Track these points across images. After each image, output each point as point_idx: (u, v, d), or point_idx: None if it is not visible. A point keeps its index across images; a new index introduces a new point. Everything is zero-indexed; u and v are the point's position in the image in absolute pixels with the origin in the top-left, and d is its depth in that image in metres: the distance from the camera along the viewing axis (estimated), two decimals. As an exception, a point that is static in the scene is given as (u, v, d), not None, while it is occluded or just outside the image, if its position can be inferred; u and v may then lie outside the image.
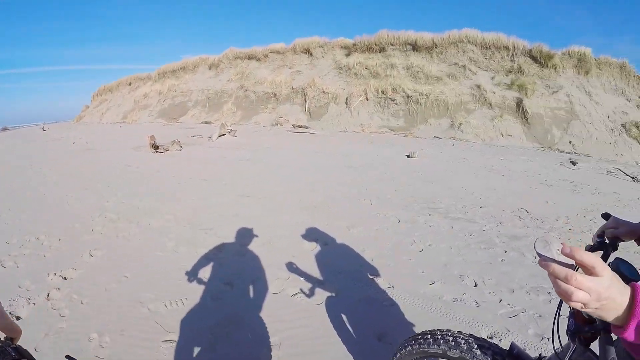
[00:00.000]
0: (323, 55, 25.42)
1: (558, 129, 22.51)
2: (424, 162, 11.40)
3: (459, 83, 23.10)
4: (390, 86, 21.36)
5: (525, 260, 4.82)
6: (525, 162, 14.50)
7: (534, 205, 7.69)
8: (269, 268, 3.77)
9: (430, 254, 4.65)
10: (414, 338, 1.79)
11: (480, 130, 20.46)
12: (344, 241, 4.65)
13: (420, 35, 25.24)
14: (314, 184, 7.25)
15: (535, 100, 22.92)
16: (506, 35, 25.88)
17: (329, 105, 20.75)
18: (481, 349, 1.61)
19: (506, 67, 25.16)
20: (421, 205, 6.65)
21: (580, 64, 26.18)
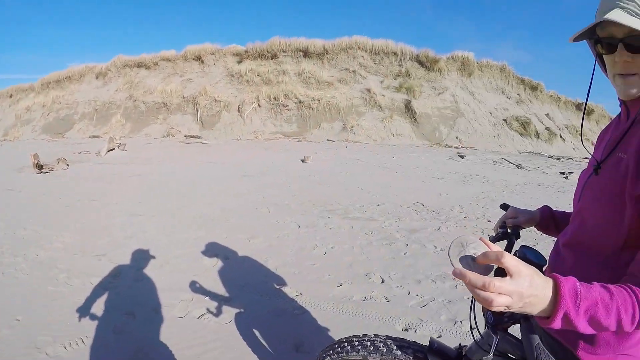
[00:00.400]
0: (215, 63, 25.06)
1: (445, 126, 23.95)
2: (318, 165, 11.62)
3: (349, 87, 23.81)
4: (282, 92, 21.56)
5: (426, 251, 5.09)
6: (416, 158, 15.25)
7: (428, 198, 8.14)
8: (170, 291, 3.55)
9: (334, 256, 4.71)
10: (331, 348, 1.75)
11: (371, 132, 21.20)
12: (245, 253, 4.55)
13: (312, 41, 25.93)
14: (210, 196, 7.06)
15: (423, 101, 24.26)
16: (394, 42, 27.53)
17: (221, 113, 20.43)
18: (401, 349, 1.61)
19: (395, 71, 26.42)
20: (319, 208, 6.75)
21: (464, 67, 28.30)
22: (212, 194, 7.20)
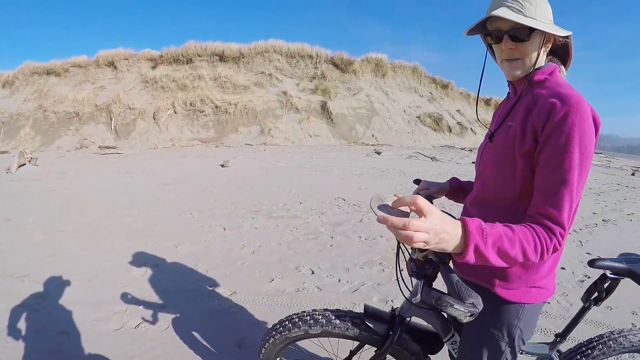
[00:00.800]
0: (128, 69, 23.95)
1: (361, 125, 24.61)
2: (238, 169, 11.69)
3: (266, 91, 23.89)
4: (198, 98, 21.21)
5: (352, 242, 5.43)
6: (334, 157, 15.68)
7: (349, 193, 8.53)
8: (102, 305, 3.48)
9: (262, 254, 4.89)
10: (274, 328, 1.86)
11: (289, 134, 21.42)
12: (174, 260, 4.58)
13: (228, 45, 25.70)
14: (131, 206, 6.91)
15: (339, 102, 24.81)
16: (310, 45, 27.82)
17: (136, 121, 19.63)
18: (339, 318, 1.76)
19: (310, 73, 26.78)
20: (243, 210, 6.87)
21: (378, 68, 29.23)
22: (133, 204, 7.07)
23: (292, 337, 1.82)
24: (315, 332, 1.77)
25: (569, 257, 5.19)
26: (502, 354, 1.51)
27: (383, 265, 4.66)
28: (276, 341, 1.85)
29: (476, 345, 1.54)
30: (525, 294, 1.44)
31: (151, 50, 25.39)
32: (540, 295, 1.46)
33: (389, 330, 1.73)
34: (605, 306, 3.87)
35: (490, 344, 1.51)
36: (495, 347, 1.50)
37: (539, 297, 1.46)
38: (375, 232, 5.96)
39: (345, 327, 1.75)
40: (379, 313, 1.79)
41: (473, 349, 1.55)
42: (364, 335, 1.75)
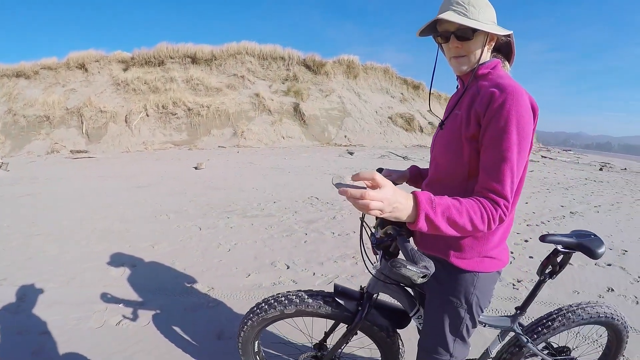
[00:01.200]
0: (99, 71, 23.47)
1: (333, 126, 24.77)
2: (212, 171, 11.72)
3: (238, 93, 23.82)
4: (170, 100, 20.99)
5: (325, 238, 5.59)
6: (307, 158, 15.81)
7: (322, 193, 8.69)
8: (82, 305, 3.52)
9: (238, 251, 5.00)
10: (251, 311, 1.96)
11: (262, 136, 21.43)
12: (152, 259, 4.64)
13: (200, 47, 25.45)
14: (106, 209, 6.90)
15: (311, 103, 24.92)
16: (282, 47, 27.85)
17: (108, 125, 19.27)
18: (311, 297, 1.87)
19: (283, 75, 26.84)
20: (218, 210, 6.96)
21: (350, 70, 29.44)
22: (108, 207, 7.06)
23: (269, 318, 1.92)
24: (290, 311, 1.88)
25: (537, 248, 5.50)
26: (462, 320, 1.65)
27: (356, 258, 4.84)
28: (254, 323, 1.94)
29: (438, 314, 1.68)
30: (478, 263, 1.58)
31: (122, 51, 25.03)
32: (493, 265, 1.62)
33: (358, 306, 1.84)
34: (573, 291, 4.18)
35: (451, 311, 1.65)
36: (455, 313, 1.65)
37: (492, 266, 1.61)
38: (348, 228, 6.14)
39: (317, 305, 1.85)
40: (349, 291, 1.91)
41: (435, 317, 1.70)
42: (335, 313, 1.86)
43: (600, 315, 2.05)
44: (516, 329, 2.01)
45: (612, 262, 5.27)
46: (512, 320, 2.01)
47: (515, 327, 2.01)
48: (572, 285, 4.42)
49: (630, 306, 3.98)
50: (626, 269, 5.06)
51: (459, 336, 1.70)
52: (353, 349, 2.58)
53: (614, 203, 10.15)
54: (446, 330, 1.68)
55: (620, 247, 5.97)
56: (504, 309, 3.67)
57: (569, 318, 2.03)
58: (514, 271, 4.72)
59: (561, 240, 1.80)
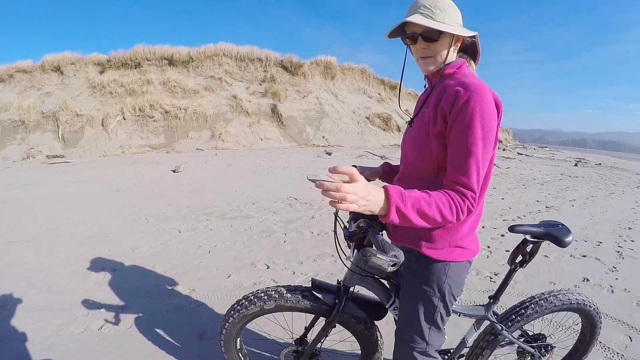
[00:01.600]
0: (75, 74, 22.96)
1: (311, 127, 24.82)
2: (190, 174, 11.68)
3: (216, 95, 23.69)
4: (147, 103, 20.71)
5: (304, 237, 5.68)
6: (285, 159, 15.86)
7: (301, 193, 8.80)
8: (64, 310, 3.51)
9: (218, 253, 5.04)
10: (232, 309, 2.00)
11: (240, 138, 21.34)
12: (132, 263, 4.64)
13: (177, 49, 25.16)
14: (84, 214, 6.85)
15: (288, 104, 24.94)
16: (259, 48, 27.75)
17: (84, 129, 18.86)
18: (290, 292, 1.93)
19: (260, 77, 26.80)
20: (197, 213, 6.98)
21: (327, 71, 29.51)
22: (86, 211, 6.99)
23: (249, 314, 1.96)
24: (270, 307, 1.92)
25: (514, 242, 5.67)
26: (436, 308, 1.72)
27: (335, 257, 4.94)
28: (235, 320, 1.98)
29: (413, 303, 1.75)
30: (449, 253, 1.66)
31: (99, 54, 24.54)
32: (463, 254, 1.69)
33: (336, 299, 1.90)
34: (549, 282, 4.36)
35: (425, 300, 1.72)
36: (429, 302, 1.72)
37: (462, 256, 1.69)
38: (327, 227, 6.24)
39: (296, 299, 1.91)
40: (326, 285, 1.97)
41: (410, 306, 1.77)
42: (313, 307, 1.92)
43: (572, 302, 2.14)
44: (490, 317, 2.09)
45: (587, 254, 5.49)
46: (486, 309, 2.08)
47: (490, 315, 2.09)
48: (549, 277, 4.60)
49: (605, 295, 4.19)
50: (601, 259, 5.30)
51: (434, 324, 1.75)
52: (333, 343, 2.65)
53: (589, 197, 10.48)
54: (421, 319, 1.74)
55: (595, 239, 6.21)
56: (481, 302, 3.81)
57: (541, 305, 2.10)
58: (491, 265, 4.89)
59: (529, 230, 1.88)
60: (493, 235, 6.17)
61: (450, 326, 3.27)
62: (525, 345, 2.24)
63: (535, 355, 2.30)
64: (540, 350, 2.31)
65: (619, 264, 5.18)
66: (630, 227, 7.34)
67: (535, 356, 2.30)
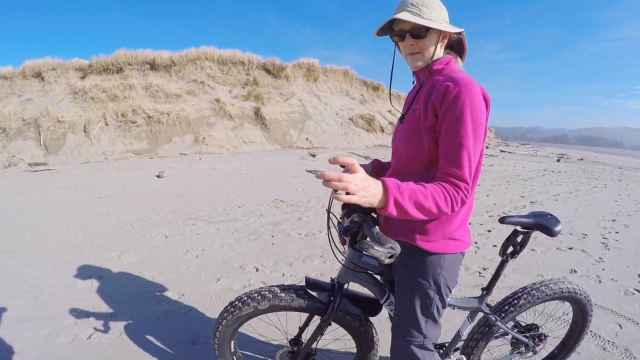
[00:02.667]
0: (56, 79, 22.54)
1: (295, 129, 24.83)
2: (175, 179, 11.60)
3: (198, 99, 23.57)
4: (130, 108, 20.49)
5: (292, 239, 5.69)
6: (270, 162, 15.87)
7: (287, 195, 8.84)
8: (52, 320, 3.44)
9: (206, 257, 5.02)
10: (225, 311, 1.98)
11: (224, 141, 21.25)
12: (119, 269, 4.59)
13: (159, 53, 24.94)
14: (69, 222, 6.74)
15: (272, 107, 24.93)
16: (242, 51, 27.69)
17: (66, 135, 18.55)
18: (284, 291, 1.91)
19: (243, 80, 26.73)
20: (183, 218, 6.94)
21: (310, 73, 29.56)
22: (70, 219, 6.89)
23: (243, 315, 1.94)
24: (264, 307, 1.91)
25: (501, 237, 5.83)
26: (432, 300, 1.73)
27: (324, 257, 4.97)
28: (228, 322, 1.96)
29: (409, 297, 1.76)
30: (443, 245, 1.67)
31: (80, 59, 24.16)
32: (457, 246, 1.71)
33: (330, 297, 1.90)
34: (538, 275, 4.46)
35: (420, 293, 1.73)
36: (425, 295, 1.73)
37: (456, 247, 1.71)
38: (314, 228, 6.27)
39: (290, 299, 1.90)
40: (320, 283, 1.96)
41: (406, 300, 1.77)
42: (308, 305, 1.91)
43: (563, 291, 2.18)
44: (484, 308, 2.12)
45: (573, 246, 5.61)
46: (480, 301, 2.11)
47: (483, 307, 2.12)
48: (537, 270, 4.70)
49: (593, 285, 4.32)
50: (587, 251, 5.44)
51: (430, 317, 1.76)
52: (328, 342, 2.64)
53: (572, 191, 10.69)
54: (418, 312, 1.74)
55: (580, 232, 6.35)
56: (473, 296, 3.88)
57: (533, 295, 2.15)
58: (479, 260, 4.99)
59: (519, 221, 1.92)
60: (480, 231, 6.25)
61: (444, 321, 3.29)
62: (519, 335, 2.28)
63: (529, 345, 2.34)
64: (534, 339, 2.35)
65: (604, 255, 5.33)
66: (614, 219, 7.52)
67: (529, 346, 2.35)
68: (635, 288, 4.26)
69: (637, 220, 7.63)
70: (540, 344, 2.37)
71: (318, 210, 7.51)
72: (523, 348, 2.37)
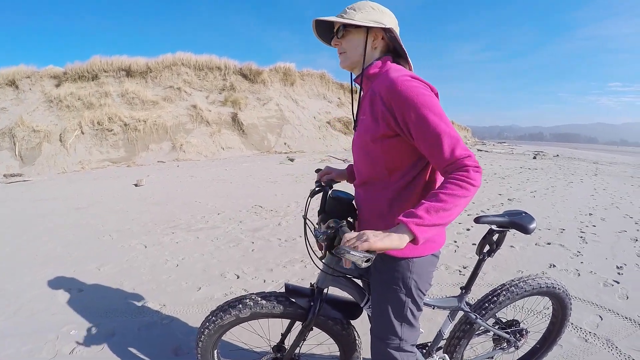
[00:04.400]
0: (31, 88, 22.03)
1: (272, 134, 24.84)
2: (153, 187, 11.50)
3: (175, 105, 23.41)
4: (106, 116, 20.19)
5: (272, 245, 5.72)
6: (248, 167, 15.88)
7: (265, 200, 8.88)
8: (32, 335, 3.40)
9: (186, 266, 5.01)
10: (207, 320, 2.00)
11: (201, 148, 21.13)
12: (99, 282, 4.56)
13: (135, 60, 24.61)
14: (47, 234, 6.64)
15: (249, 112, 24.89)
16: (218, 57, 27.60)
17: (42, 145, 18.12)
18: (264, 299, 1.94)
19: (219, 85, 26.64)
20: (162, 226, 6.90)
21: (286, 77, 29.61)
22: (48, 231, 6.79)
23: (225, 324, 1.96)
24: (245, 315, 1.93)
25: (477, 236, 5.98)
26: (404, 304, 1.73)
27: (305, 262, 5.02)
28: (210, 332, 1.98)
29: (382, 301, 1.78)
30: (412, 249, 1.64)
31: (55, 66, 23.73)
32: (427, 247, 1.70)
33: (310, 302, 1.93)
34: (517, 271, 4.59)
35: (392, 297, 1.73)
36: (397, 299, 1.73)
37: (426, 249, 1.70)
38: (294, 233, 6.33)
39: (271, 306, 1.92)
40: (300, 289, 2.00)
41: (380, 304, 1.79)
42: (289, 311, 1.94)
43: (541, 286, 2.27)
44: (464, 307, 2.18)
45: (552, 241, 5.78)
46: (459, 300, 2.17)
47: (463, 305, 2.18)
48: (516, 266, 4.83)
49: (572, 279, 4.49)
50: (565, 245, 5.62)
51: (404, 320, 1.76)
52: (312, 347, 2.68)
53: (549, 187, 10.98)
54: (391, 316, 1.75)
55: (558, 227, 6.54)
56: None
57: (512, 292, 2.22)
58: (459, 259, 5.11)
59: (494, 220, 1.97)
60: (459, 230, 6.38)
61: (425, 320, 3.36)
62: (500, 332, 2.36)
63: (511, 341, 2.42)
64: (516, 335, 2.43)
65: (582, 249, 5.54)
66: (590, 212, 7.76)
67: (511, 342, 2.42)
68: (613, 279, 4.47)
69: (613, 213, 7.89)
70: (522, 339, 2.45)
71: (297, 215, 7.56)
72: (505, 344, 2.44)
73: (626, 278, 4.52)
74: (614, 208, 8.42)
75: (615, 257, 5.24)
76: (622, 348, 3.08)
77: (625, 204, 9.00)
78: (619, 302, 3.90)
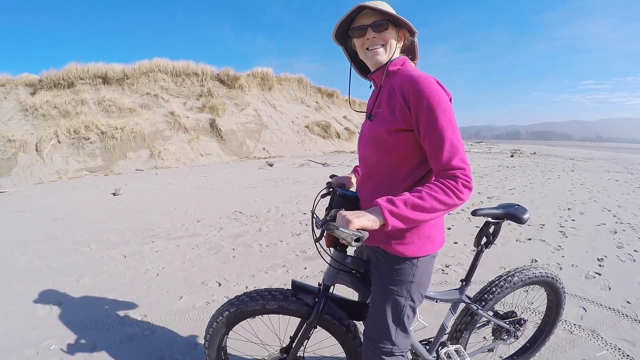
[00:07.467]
0: (5, 96, 21.48)
1: (251, 139, 24.82)
2: (131, 196, 11.37)
3: (152, 112, 23.21)
4: (82, 124, 19.86)
5: (253, 251, 5.72)
6: (227, 174, 15.84)
7: (246, 206, 8.88)
8: (11, 352, 3.32)
9: (167, 275, 4.98)
10: (230, 303, 2.00)
11: (180, 155, 20.99)
12: (78, 294, 4.49)
13: (111, 66, 24.23)
14: (23, 246, 6.51)
15: (227, 118, 24.84)
16: (195, 62, 27.45)
17: (17, 155, 17.66)
18: (272, 294, 1.96)
19: (197, 91, 26.55)
20: (141, 236, 6.84)
21: (264, 82, 29.66)
22: (24, 243, 6.65)
23: (248, 311, 1.97)
24: (253, 308, 1.95)
25: (461, 233, 6.12)
26: (403, 308, 1.73)
27: (287, 267, 5.03)
28: (231, 315, 1.98)
29: (381, 303, 1.78)
30: (419, 247, 1.69)
31: (30, 74, 23.17)
32: (432, 245, 1.73)
33: (315, 299, 1.93)
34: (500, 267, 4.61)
35: (392, 300, 1.73)
36: (396, 302, 1.73)
37: (431, 248, 1.73)
38: (275, 238, 6.34)
39: (277, 301, 1.94)
40: (306, 286, 2.00)
41: (379, 306, 1.77)
42: (295, 308, 1.94)
43: (537, 276, 2.37)
44: (465, 299, 2.25)
45: (532, 237, 5.92)
46: (460, 292, 2.24)
47: (464, 297, 2.24)
48: (498, 262, 4.92)
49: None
50: (545, 240, 5.77)
51: (400, 325, 1.76)
52: (316, 349, 2.70)
53: (528, 184, 11.21)
54: (388, 320, 1.74)
55: (538, 222, 6.70)
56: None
57: (510, 282, 2.31)
58: (441, 257, 5.18)
59: (490, 212, 2.07)
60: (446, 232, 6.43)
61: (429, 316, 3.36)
62: (501, 322, 2.43)
63: (510, 331, 2.50)
64: (514, 325, 2.51)
65: (563, 243, 5.69)
66: (569, 207, 7.95)
67: (510, 332, 2.50)
68: (595, 272, 4.62)
69: (591, 207, 8.10)
70: (521, 329, 2.53)
71: (278, 219, 7.56)
72: (505, 334, 2.51)
73: (607, 270, 4.68)
74: (592, 202, 8.64)
75: (595, 249, 5.39)
76: (607, 338, 3.19)
77: (603, 198, 9.32)
78: (601, 293, 4.03)
